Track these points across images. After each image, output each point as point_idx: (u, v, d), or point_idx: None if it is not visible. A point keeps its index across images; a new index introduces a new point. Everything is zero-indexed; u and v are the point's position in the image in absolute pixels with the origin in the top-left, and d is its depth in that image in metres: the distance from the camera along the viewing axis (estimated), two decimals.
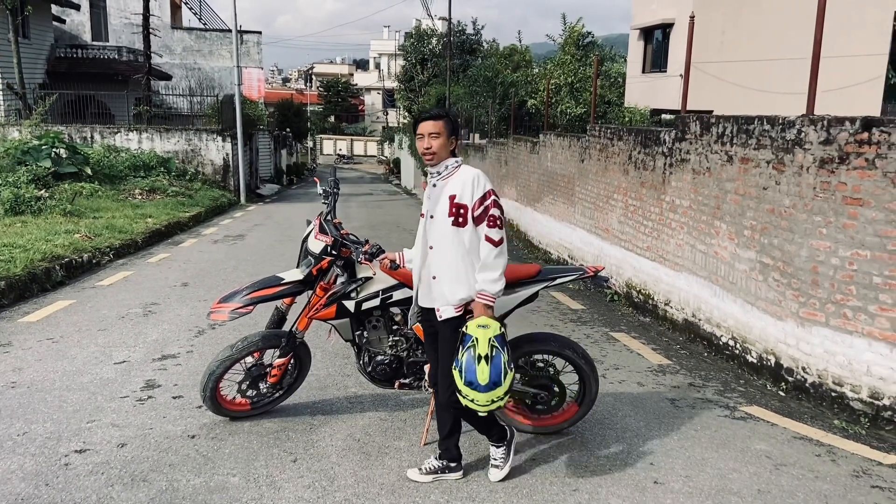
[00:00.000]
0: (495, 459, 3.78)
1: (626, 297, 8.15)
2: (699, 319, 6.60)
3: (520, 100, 20.30)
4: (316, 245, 4.14)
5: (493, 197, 3.42)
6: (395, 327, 4.24)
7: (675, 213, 7.04)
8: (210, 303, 4.32)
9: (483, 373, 3.30)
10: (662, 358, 6.13)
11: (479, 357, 3.31)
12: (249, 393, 4.42)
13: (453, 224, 3.43)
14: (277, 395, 4.53)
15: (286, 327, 4.41)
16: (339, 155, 67.26)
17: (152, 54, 24.33)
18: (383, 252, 4.00)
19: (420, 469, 3.78)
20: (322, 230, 4.19)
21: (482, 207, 3.40)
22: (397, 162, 42.70)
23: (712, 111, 14.31)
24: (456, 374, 3.38)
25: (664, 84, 19.48)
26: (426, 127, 3.50)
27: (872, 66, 16.44)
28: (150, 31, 23.77)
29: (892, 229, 4.57)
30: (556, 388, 4.25)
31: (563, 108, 19.32)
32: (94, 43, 28.53)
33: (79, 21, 28.82)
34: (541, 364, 4.28)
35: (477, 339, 3.33)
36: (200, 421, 4.42)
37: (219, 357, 4.25)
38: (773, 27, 17.20)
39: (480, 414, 3.47)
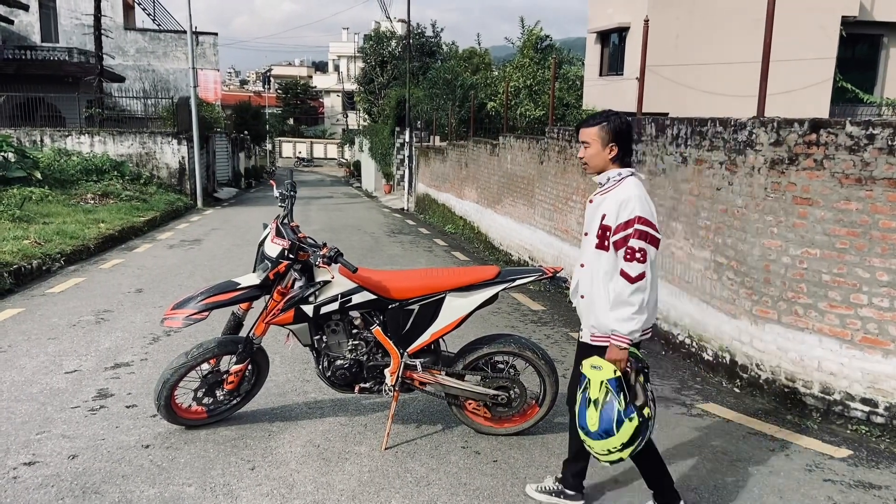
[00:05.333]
0: None
1: None
2: (657, 319, 6.68)
3: (479, 102, 20.38)
4: (273, 249, 4.08)
5: (638, 225, 2.97)
6: (354, 331, 4.20)
7: None
8: (165, 309, 4.23)
9: (592, 418, 3.02)
10: None
11: (590, 401, 3.04)
12: (206, 400, 4.34)
13: (597, 246, 3.12)
14: (235, 402, 4.45)
15: (243, 333, 4.34)
16: (298, 158, 66.70)
17: (104, 56, 23.82)
18: (342, 255, 3.95)
19: (538, 486, 3.63)
20: (279, 234, 4.12)
21: (622, 234, 3.00)
22: (358, 165, 42.50)
23: (667, 114, 14.56)
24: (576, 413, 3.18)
25: (621, 87, 19.74)
26: (581, 134, 3.21)
27: (821, 69, 16.88)
28: (102, 31, 23.27)
29: (840, 228, 4.69)
30: (517, 390, 4.27)
31: (523, 110, 19.45)
32: (44, 44, 27.85)
33: (27, 21, 28.11)
34: (501, 365, 4.29)
35: (589, 380, 3.07)
36: (155, 430, 4.32)
37: (173, 364, 4.16)
38: (726, 31, 17.56)
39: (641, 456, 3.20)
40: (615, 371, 3.04)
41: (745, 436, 4.55)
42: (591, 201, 3.25)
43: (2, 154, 14.98)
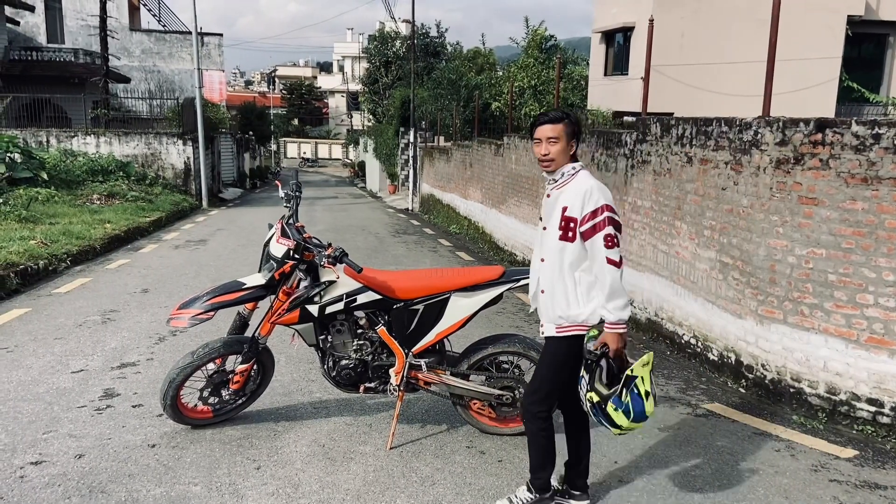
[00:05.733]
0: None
1: None
2: (662, 319, 6.68)
3: (484, 102, 20.40)
4: (278, 249, 4.09)
5: (607, 213, 3.08)
6: (359, 331, 4.21)
7: (637, 214, 7.12)
8: (171, 309, 4.24)
9: (651, 405, 3.18)
10: None
11: (647, 394, 3.16)
12: (211, 400, 4.36)
13: (560, 238, 3.17)
14: (240, 401, 4.47)
15: (249, 333, 4.35)
16: (303, 158, 66.83)
17: (110, 56, 23.90)
18: (347, 255, 3.96)
19: (510, 499, 3.52)
20: (284, 234, 4.14)
21: (591, 223, 3.09)
22: (362, 165, 42.57)
23: (672, 113, 14.53)
24: (619, 415, 3.16)
25: (626, 86, 19.72)
26: (544, 131, 3.19)
27: (827, 68, 16.84)
28: (108, 32, 23.34)
29: (845, 228, 4.68)
30: (522, 390, 4.26)
31: (527, 110, 19.46)
32: (50, 45, 27.95)
33: (33, 23, 28.20)
34: (506, 365, 4.30)
35: (642, 377, 3.16)
36: (161, 430, 4.34)
37: (179, 364, 4.17)
38: (731, 31, 17.53)
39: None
40: (652, 355, 3.26)
41: (751, 436, 4.54)
42: (548, 196, 3.30)
43: (8, 155, 15.04)
